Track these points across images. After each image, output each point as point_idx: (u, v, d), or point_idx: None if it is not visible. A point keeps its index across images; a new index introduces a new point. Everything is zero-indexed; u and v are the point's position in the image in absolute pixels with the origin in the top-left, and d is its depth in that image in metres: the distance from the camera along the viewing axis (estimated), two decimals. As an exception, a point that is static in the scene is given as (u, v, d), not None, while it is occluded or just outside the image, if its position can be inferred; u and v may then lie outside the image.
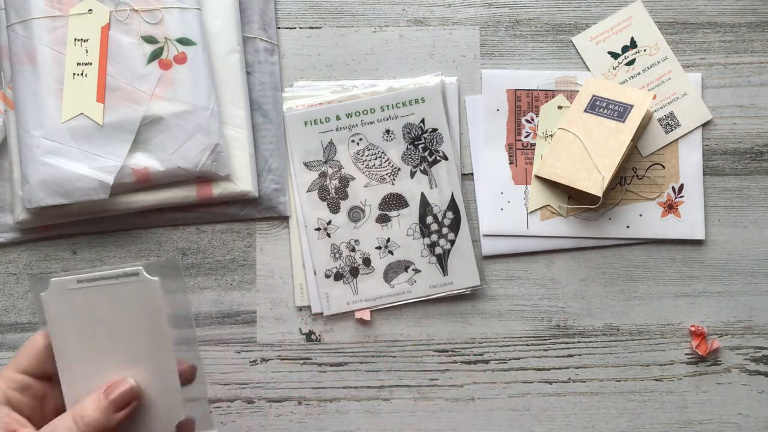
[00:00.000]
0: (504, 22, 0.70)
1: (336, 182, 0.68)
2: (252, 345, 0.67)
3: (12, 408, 0.41)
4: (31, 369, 0.42)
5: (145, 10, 0.64)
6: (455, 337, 0.68)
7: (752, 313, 0.69)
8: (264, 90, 0.68)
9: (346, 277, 0.67)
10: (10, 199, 0.66)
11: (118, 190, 0.63)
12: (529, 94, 0.69)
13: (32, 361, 0.42)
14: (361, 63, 0.69)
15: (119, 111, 0.63)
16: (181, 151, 0.63)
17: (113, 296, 0.44)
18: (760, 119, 0.70)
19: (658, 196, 0.68)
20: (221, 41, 0.66)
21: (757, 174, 0.69)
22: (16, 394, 0.41)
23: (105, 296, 0.44)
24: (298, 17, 0.69)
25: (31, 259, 0.67)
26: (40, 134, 0.62)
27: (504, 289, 0.68)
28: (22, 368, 0.42)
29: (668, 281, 0.68)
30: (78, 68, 0.63)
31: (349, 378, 0.67)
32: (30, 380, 0.42)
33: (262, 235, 0.68)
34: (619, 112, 0.65)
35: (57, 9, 0.63)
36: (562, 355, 0.68)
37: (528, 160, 0.69)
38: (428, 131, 0.68)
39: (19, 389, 0.41)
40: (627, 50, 0.69)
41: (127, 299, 0.44)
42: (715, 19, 0.70)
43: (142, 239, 0.68)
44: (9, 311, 0.67)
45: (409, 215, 0.68)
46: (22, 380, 0.41)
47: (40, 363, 0.42)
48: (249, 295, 0.68)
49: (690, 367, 0.68)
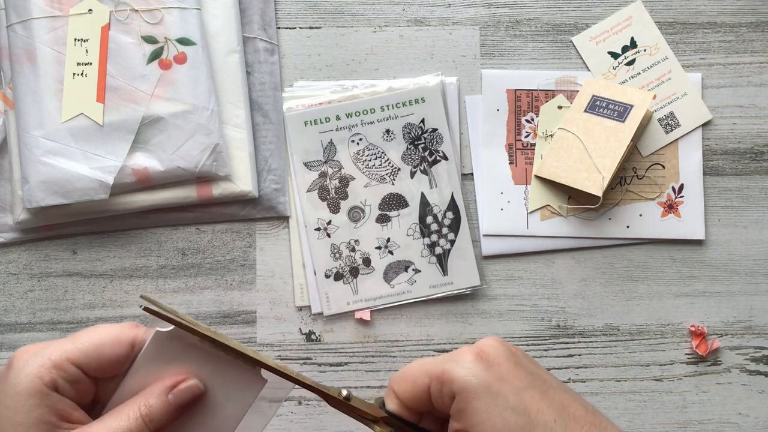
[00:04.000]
0: (504, 22, 0.70)
1: (336, 182, 0.68)
2: (252, 345, 0.67)
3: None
4: (86, 366, 0.40)
5: (145, 10, 0.64)
6: (455, 337, 0.68)
7: (752, 313, 0.69)
8: (264, 90, 0.68)
9: (346, 277, 0.67)
10: (10, 199, 0.66)
11: (118, 190, 0.63)
12: (529, 94, 0.69)
13: (91, 362, 0.40)
14: (361, 63, 0.69)
15: (119, 111, 0.63)
16: (181, 151, 0.63)
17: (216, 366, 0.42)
18: (760, 119, 0.70)
19: (658, 196, 0.68)
20: (221, 41, 0.66)
21: (757, 174, 0.69)
22: (65, 384, 0.39)
23: (209, 362, 0.42)
24: (298, 17, 0.69)
25: (31, 259, 0.67)
26: (40, 134, 0.62)
27: (504, 289, 0.68)
28: (75, 361, 0.40)
29: (668, 281, 0.68)
30: (78, 68, 0.63)
31: (349, 378, 0.67)
32: (82, 375, 0.40)
33: (262, 235, 0.68)
34: (619, 112, 0.65)
35: (57, 9, 0.63)
36: (562, 355, 0.68)
37: (528, 160, 0.69)
38: (428, 131, 0.68)
39: (71, 381, 0.40)
40: (627, 50, 0.69)
41: (225, 377, 0.42)
42: (715, 19, 0.70)
43: (142, 239, 0.68)
44: (9, 311, 0.67)
45: (409, 215, 0.68)
46: (75, 373, 0.40)
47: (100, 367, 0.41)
48: (249, 295, 0.68)
49: (690, 367, 0.68)
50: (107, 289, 0.67)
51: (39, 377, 0.38)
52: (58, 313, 0.67)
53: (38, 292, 0.67)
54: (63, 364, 0.39)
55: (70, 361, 0.40)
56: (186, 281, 0.68)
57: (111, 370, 0.41)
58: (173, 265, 0.68)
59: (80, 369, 0.40)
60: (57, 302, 0.67)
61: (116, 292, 0.67)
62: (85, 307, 0.67)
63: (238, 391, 0.42)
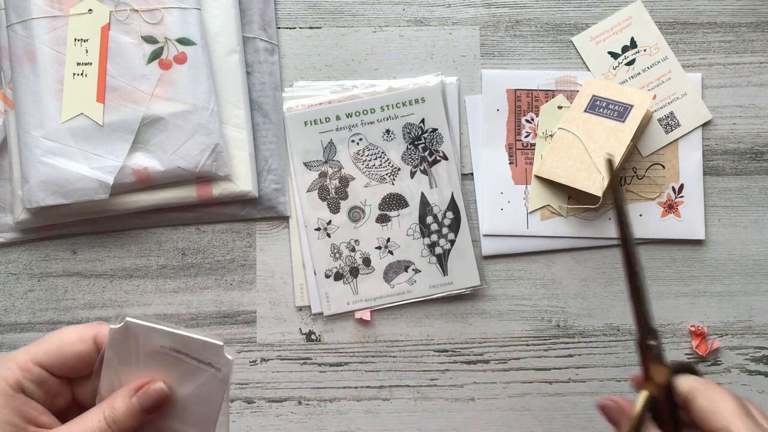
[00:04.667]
0: (504, 22, 0.70)
1: (336, 182, 0.68)
2: (252, 345, 0.67)
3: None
4: (50, 366, 0.41)
5: (145, 10, 0.64)
6: (455, 337, 0.68)
7: (752, 313, 0.69)
8: (264, 90, 0.68)
9: (346, 277, 0.67)
10: (10, 199, 0.66)
11: (118, 190, 0.63)
12: (529, 94, 0.69)
13: (55, 362, 0.41)
14: (361, 63, 0.69)
15: (119, 111, 0.63)
16: (181, 151, 0.63)
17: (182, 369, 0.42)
18: (760, 119, 0.70)
19: (658, 196, 0.68)
20: (221, 41, 0.66)
21: (757, 174, 0.69)
22: (31, 386, 0.40)
23: (175, 366, 0.42)
24: (298, 17, 0.69)
25: (31, 259, 0.67)
26: (40, 134, 0.62)
27: (504, 289, 0.68)
28: (39, 362, 0.41)
29: (668, 281, 0.68)
30: (78, 68, 0.63)
31: (349, 378, 0.67)
32: (47, 375, 0.41)
33: (262, 235, 0.68)
34: (619, 112, 0.65)
35: (57, 9, 0.63)
36: (562, 355, 0.68)
37: (528, 160, 0.69)
38: (428, 131, 0.68)
39: (36, 382, 0.40)
40: (627, 50, 0.69)
41: (191, 378, 0.42)
42: (715, 19, 0.70)
43: (142, 239, 0.68)
44: (9, 311, 0.67)
45: (409, 215, 0.68)
46: (40, 374, 0.41)
47: (65, 365, 0.41)
48: (249, 295, 0.68)
49: (690, 367, 0.68)
50: (107, 289, 0.67)
51: (4, 379, 0.39)
52: (58, 313, 0.67)
53: (38, 292, 0.67)
54: (27, 365, 0.40)
55: (34, 362, 0.40)
56: (186, 281, 0.68)
57: (78, 368, 0.42)
58: (173, 265, 0.68)
59: (45, 369, 0.41)
60: (57, 302, 0.67)
61: (116, 292, 0.67)
62: (85, 307, 0.67)
63: (205, 392, 0.42)
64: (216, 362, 0.41)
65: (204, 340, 0.41)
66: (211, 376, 0.42)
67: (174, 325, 0.41)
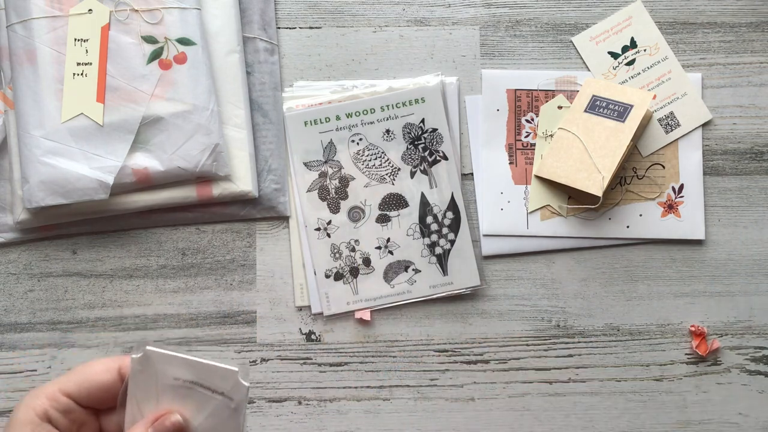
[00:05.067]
0: (504, 22, 0.70)
1: (336, 182, 0.68)
2: (252, 345, 0.67)
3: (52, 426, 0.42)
4: (77, 396, 0.42)
5: (145, 10, 0.64)
6: (455, 337, 0.68)
7: (752, 313, 0.69)
8: (264, 90, 0.68)
9: (346, 277, 0.67)
10: (10, 199, 0.66)
11: (118, 190, 0.63)
12: (529, 94, 0.69)
13: (82, 391, 0.42)
14: (361, 63, 0.69)
15: (119, 111, 0.63)
16: (181, 151, 0.63)
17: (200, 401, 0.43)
18: (760, 119, 0.70)
19: (658, 196, 0.68)
20: (221, 41, 0.66)
21: (757, 174, 0.69)
22: (57, 414, 0.42)
23: (192, 398, 0.43)
24: (298, 17, 0.69)
25: (31, 259, 0.67)
26: (40, 134, 0.62)
27: (504, 289, 0.68)
28: (67, 392, 0.42)
29: (668, 281, 0.68)
30: (78, 68, 0.63)
31: (349, 378, 0.67)
32: (74, 405, 0.42)
33: (262, 235, 0.68)
34: (619, 112, 0.65)
35: (57, 9, 0.63)
36: (562, 355, 0.68)
37: (528, 160, 0.69)
38: (428, 131, 0.68)
39: (62, 411, 0.42)
40: (627, 50, 0.69)
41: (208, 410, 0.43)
42: (715, 19, 0.70)
43: (142, 239, 0.68)
44: (9, 311, 0.67)
45: (409, 215, 0.68)
46: (67, 403, 0.42)
47: (90, 395, 0.42)
48: (249, 295, 0.68)
49: (690, 367, 0.68)
50: (107, 289, 0.67)
51: (32, 408, 0.41)
52: (58, 313, 0.67)
53: (38, 292, 0.67)
54: (54, 394, 0.42)
55: (62, 392, 0.42)
56: (186, 281, 0.68)
57: (103, 399, 0.43)
58: (173, 265, 0.68)
59: (72, 399, 0.42)
60: (57, 302, 0.67)
61: (116, 292, 0.67)
62: (85, 307, 0.67)
63: (221, 420, 0.43)
64: (230, 391, 0.42)
65: (219, 367, 0.42)
66: (225, 405, 0.42)
67: (190, 352, 0.42)
